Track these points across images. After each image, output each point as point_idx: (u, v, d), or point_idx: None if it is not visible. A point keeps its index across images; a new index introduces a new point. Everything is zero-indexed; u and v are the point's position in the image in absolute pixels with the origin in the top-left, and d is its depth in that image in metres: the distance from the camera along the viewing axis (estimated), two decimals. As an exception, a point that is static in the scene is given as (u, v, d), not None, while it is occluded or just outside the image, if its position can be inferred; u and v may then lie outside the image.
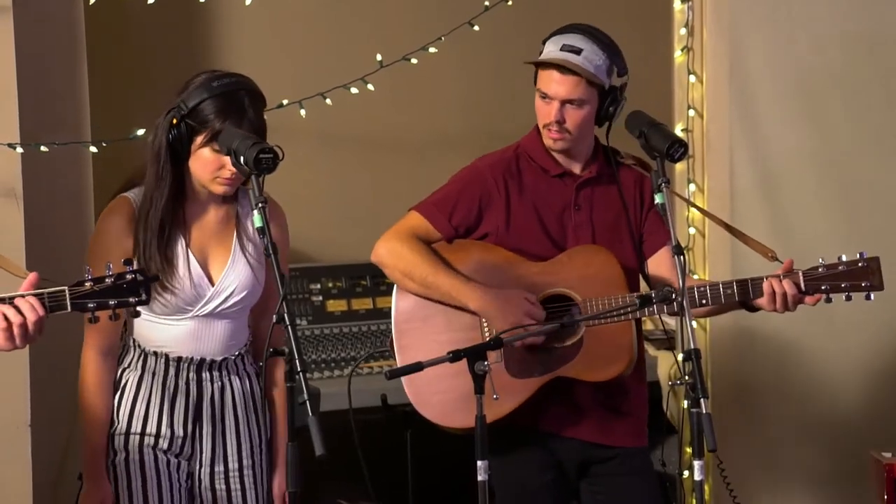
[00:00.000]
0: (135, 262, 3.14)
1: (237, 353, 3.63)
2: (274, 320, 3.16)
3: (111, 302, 3.08)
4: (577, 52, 3.78)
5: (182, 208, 3.56)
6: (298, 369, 3.11)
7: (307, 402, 3.08)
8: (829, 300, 3.74)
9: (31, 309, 3.05)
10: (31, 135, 4.42)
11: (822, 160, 5.03)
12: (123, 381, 3.59)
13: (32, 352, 4.43)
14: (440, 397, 3.79)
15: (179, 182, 3.55)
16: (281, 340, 3.24)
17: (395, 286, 3.95)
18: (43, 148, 4.40)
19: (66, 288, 3.07)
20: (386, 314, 5.24)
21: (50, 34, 4.61)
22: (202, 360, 3.58)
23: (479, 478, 3.33)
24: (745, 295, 3.74)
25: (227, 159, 3.44)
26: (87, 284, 3.07)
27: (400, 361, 3.84)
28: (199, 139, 3.48)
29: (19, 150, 4.38)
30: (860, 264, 3.72)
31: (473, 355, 3.35)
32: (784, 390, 5.08)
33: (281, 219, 3.70)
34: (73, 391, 4.74)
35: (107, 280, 3.08)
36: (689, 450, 4.83)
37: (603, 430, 3.87)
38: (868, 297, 3.73)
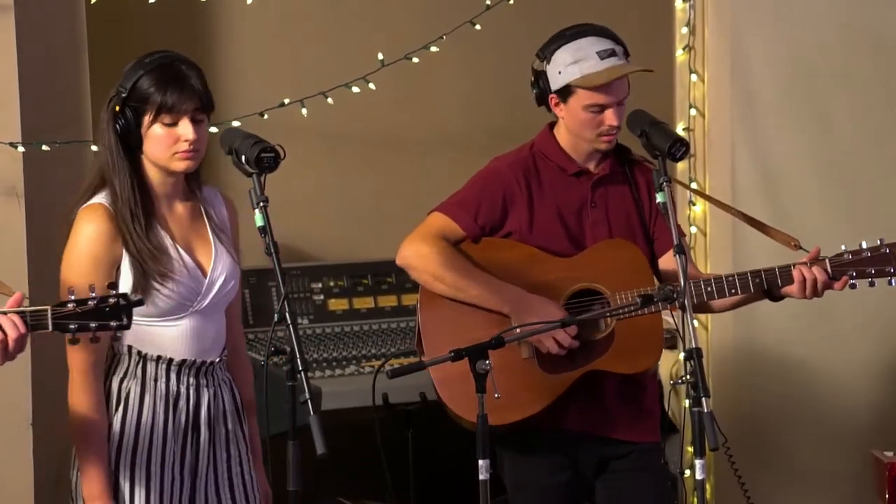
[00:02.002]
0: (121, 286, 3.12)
1: (224, 356, 3.56)
2: (276, 319, 3.15)
3: (92, 324, 3.04)
4: (613, 53, 3.79)
5: (152, 202, 3.45)
6: (300, 368, 3.11)
7: (308, 401, 3.08)
8: (853, 286, 3.76)
9: (12, 326, 3.03)
10: (33, 134, 4.42)
11: (823, 159, 5.03)
12: (125, 393, 3.46)
13: (34, 351, 4.43)
14: (473, 396, 3.76)
15: (138, 173, 3.43)
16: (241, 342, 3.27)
17: (415, 287, 3.94)
18: (45, 147, 4.40)
19: (48, 308, 3.04)
20: (388, 313, 5.25)
21: (51, 33, 4.61)
22: (202, 363, 3.48)
23: (481, 477, 3.33)
24: (773, 283, 3.75)
25: (183, 131, 3.36)
26: (70, 305, 3.04)
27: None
28: (147, 119, 3.37)
29: (21, 149, 4.38)
30: (883, 250, 3.76)
31: (475, 354, 3.36)
32: (785, 389, 5.08)
33: (234, 210, 3.61)
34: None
35: (90, 302, 3.05)
36: (690, 449, 4.83)
37: (624, 427, 3.88)
38: (890, 283, 3.76)
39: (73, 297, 3.04)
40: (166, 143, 3.38)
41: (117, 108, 3.39)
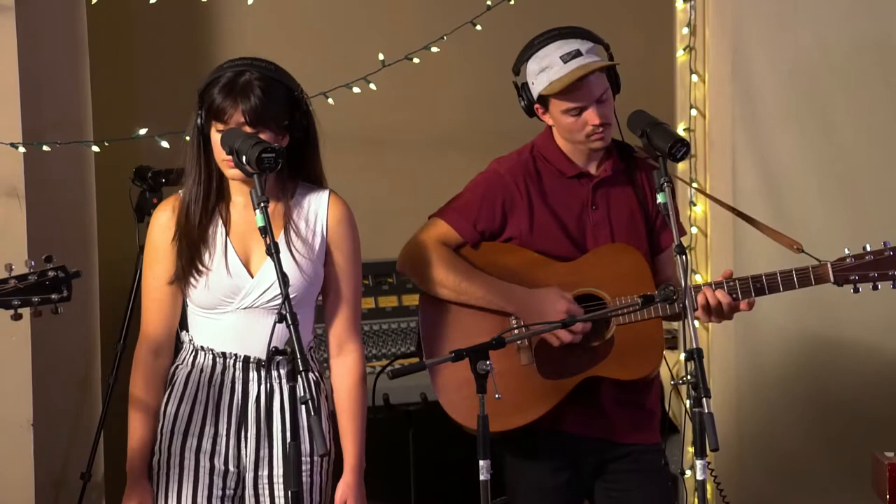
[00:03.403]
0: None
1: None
2: (276, 319, 3.15)
3: (35, 299, 3.09)
4: (578, 53, 3.76)
5: (224, 200, 3.53)
6: (300, 368, 3.11)
7: (309, 401, 3.08)
8: (856, 290, 3.75)
9: None
10: (34, 134, 4.42)
11: (825, 159, 5.02)
12: (175, 378, 3.55)
13: (35, 351, 4.44)
14: (471, 402, 3.77)
15: (213, 173, 3.51)
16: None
17: (415, 287, 3.93)
18: (45, 147, 4.40)
19: None
20: (388, 314, 5.25)
21: (52, 33, 4.61)
22: (247, 359, 3.51)
23: (481, 477, 3.33)
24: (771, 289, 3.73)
25: None
26: (11, 282, 3.07)
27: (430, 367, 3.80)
28: (209, 122, 3.46)
29: (21, 149, 4.38)
30: (886, 254, 3.74)
31: (475, 355, 3.36)
32: (786, 390, 5.08)
33: (339, 213, 3.60)
34: (76, 390, 4.76)
35: (30, 277, 3.08)
36: (691, 449, 4.83)
37: (623, 430, 3.88)
38: (894, 286, 3.75)
39: (12, 273, 3.06)
40: (217, 149, 3.45)
41: (199, 106, 3.48)
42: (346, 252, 3.60)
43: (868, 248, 3.74)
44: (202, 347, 3.54)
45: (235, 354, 3.51)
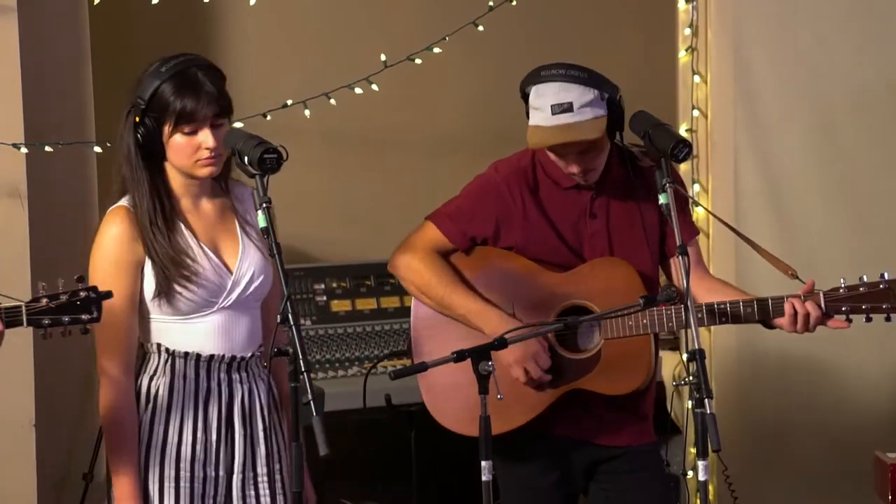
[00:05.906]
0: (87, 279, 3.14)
1: (259, 350, 3.55)
2: (278, 320, 3.15)
3: (65, 318, 3.08)
4: (570, 107, 3.68)
5: (174, 205, 3.47)
6: (303, 369, 3.11)
7: (311, 402, 3.08)
8: (849, 321, 3.73)
9: None
10: (36, 135, 4.42)
11: (827, 160, 5.02)
12: (153, 391, 3.46)
13: (37, 351, 4.44)
14: (457, 406, 3.77)
15: (159, 180, 3.45)
16: (285, 340, 3.21)
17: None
18: (47, 148, 4.41)
19: (22, 304, 3.07)
20: (390, 314, 5.25)
21: (54, 34, 4.61)
22: (232, 359, 3.47)
23: (483, 478, 3.33)
24: (766, 314, 3.71)
25: (203, 139, 3.39)
26: (43, 301, 3.07)
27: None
28: (167, 128, 3.39)
29: (24, 150, 4.38)
30: (881, 286, 3.69)
31: (477, 355, 3.36)
32: (787, 390, 5.08)
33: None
34: (78, 390, 4.76)
35: (61, 297, 3.07)
36: (693, 450, 4.83)
37: (614, 433, 3.86)
38: (888, 319, 3.71)
39: (43, 292, 3.06)
40: (187, 152, 3.42)
41: (137, 119, 3.41)
42: (275, 247, 3.60)
43: (864, 280, 3.70)
44: (184, 354, 3.45)
45: (222, 356, 3.47)
